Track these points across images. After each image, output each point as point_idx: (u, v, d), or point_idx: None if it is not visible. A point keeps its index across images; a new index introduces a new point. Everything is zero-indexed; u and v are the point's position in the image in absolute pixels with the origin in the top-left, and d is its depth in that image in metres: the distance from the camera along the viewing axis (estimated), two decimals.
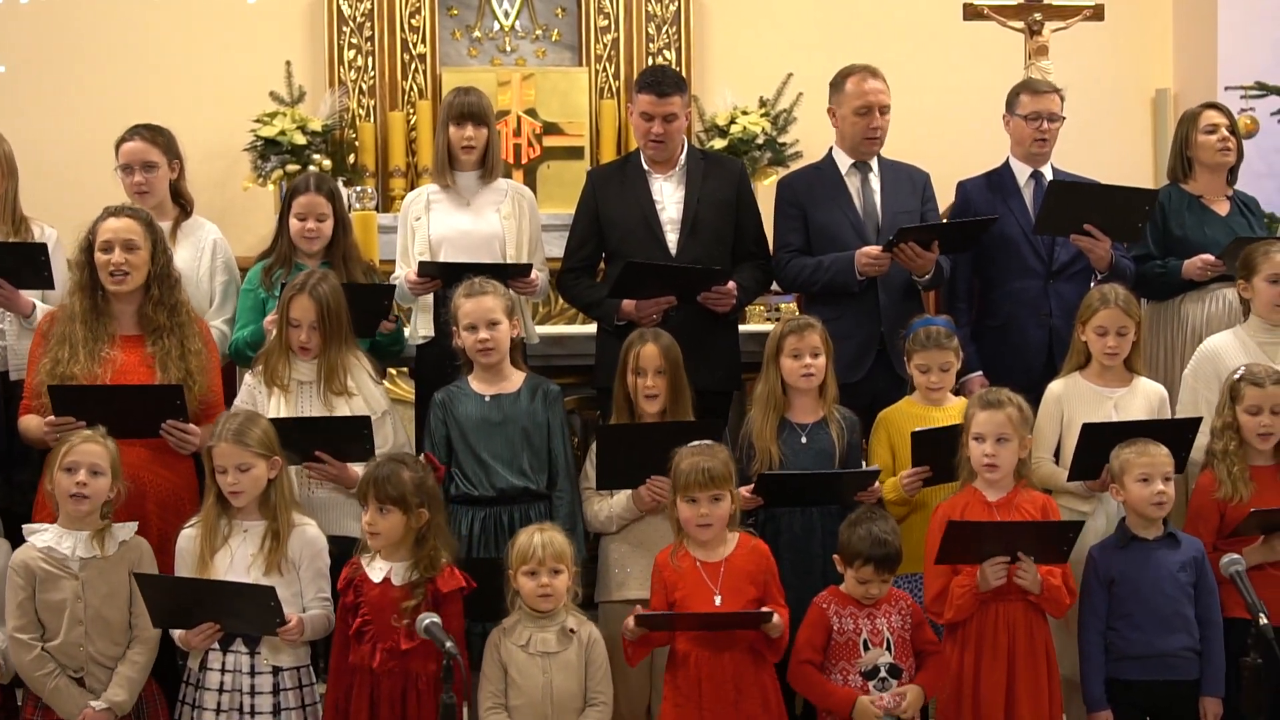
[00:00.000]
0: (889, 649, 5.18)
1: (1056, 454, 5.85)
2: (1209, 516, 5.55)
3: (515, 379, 5.81)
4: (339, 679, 5.16)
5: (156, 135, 6.45)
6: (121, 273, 5.66)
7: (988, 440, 5.29)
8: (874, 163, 6.64)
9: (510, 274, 6.12)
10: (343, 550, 5.37)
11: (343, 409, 5.69)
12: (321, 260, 6.22)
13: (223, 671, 5.11)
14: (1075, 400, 5.84)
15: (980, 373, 6.47)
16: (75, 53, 9.54)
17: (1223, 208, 6.79)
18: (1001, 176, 6.78)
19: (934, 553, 5.22)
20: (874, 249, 6.32)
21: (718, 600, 5.13)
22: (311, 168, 8.98)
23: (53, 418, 5.49)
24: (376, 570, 5.15)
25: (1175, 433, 5.60)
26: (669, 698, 5.16)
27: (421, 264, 6.26)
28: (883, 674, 5.17)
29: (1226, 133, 6.79)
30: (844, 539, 5.21)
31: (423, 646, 4.97)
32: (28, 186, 6.39)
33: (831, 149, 6.70)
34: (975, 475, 5.36)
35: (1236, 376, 5.58)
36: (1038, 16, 8.50)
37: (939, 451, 5.55)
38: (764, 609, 5.10)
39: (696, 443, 5.29)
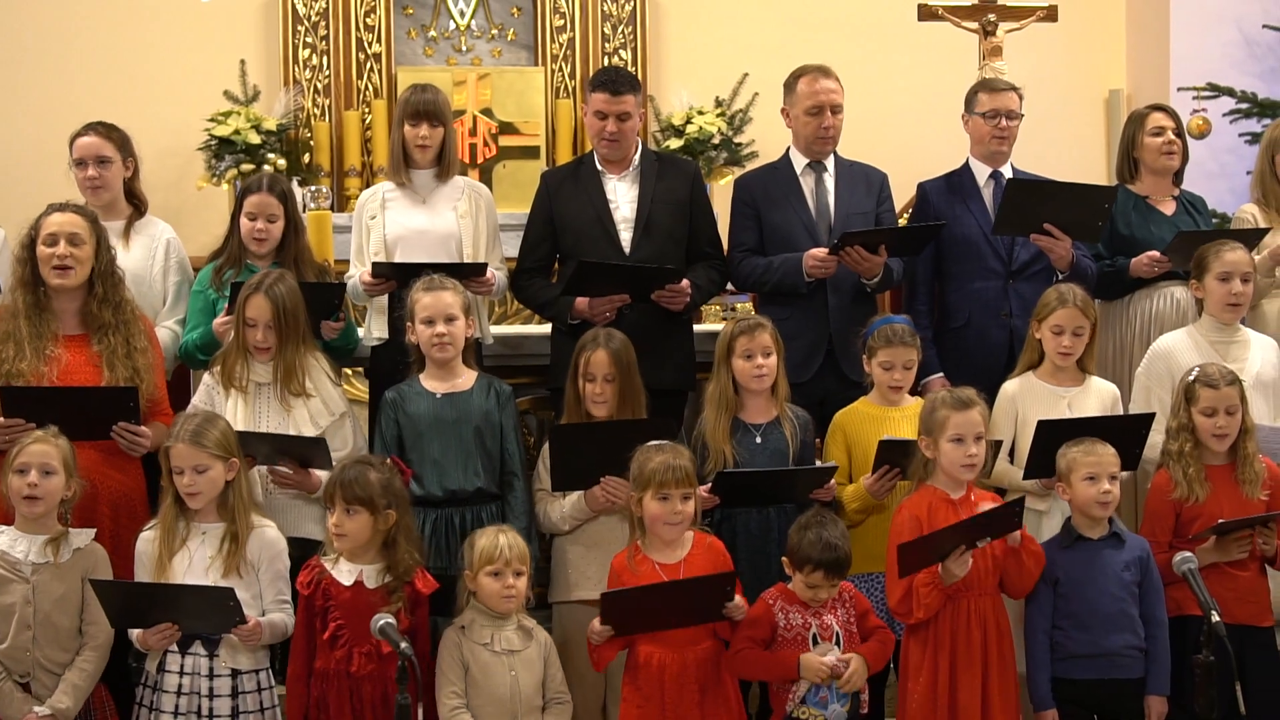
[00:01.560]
0: (838, 643, 5.19)
1: (1011, 453, 5.86)
2: (1165, 516, 5.57)
3: (468, 377, 5.80)
4: (300, 684, 5.13)
5: (112, 132, 6.43)
6: (65, 267, 5.60)
7: (968, 440, 5.27)
8: (829, 163, 6.65)
9: (465, 273, 6.11)
10: (302, 553, 5.36)
11: (300, 410, 5.68)
12: (273, 262, 6.20)
13: (181, 674, 5.08)
14: (1029, 399, 5.86)
15: (941, 374, 6.49)
16: (28, 52, 9.49)
17: (1169, 207, 6.83)
18: (961, 177, 6.80)
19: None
20: (820, 251, 6.33)
21: None
22: (266, 167, 8.95)
23: (2, 420, 5.44)
24: (345, 573, 5.13)
25: (1129, 429, 5.63)
26: (630, 699, 5.15)
27: (375, 264, 6.24)
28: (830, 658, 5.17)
29: (1173, 135, 6.82)
30: (793, 543, 5.20)
31: None
32: None
33: (789, 149, 6.71)
34: (931, 475, 5.35)
35: (1191, 378, 5.60)
36: (992, 17, 8.54)
37: (904, 458, 5.53)
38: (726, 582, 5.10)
39: (657, 442, 5.28)
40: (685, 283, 6.24)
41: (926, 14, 8.54)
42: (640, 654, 5.13)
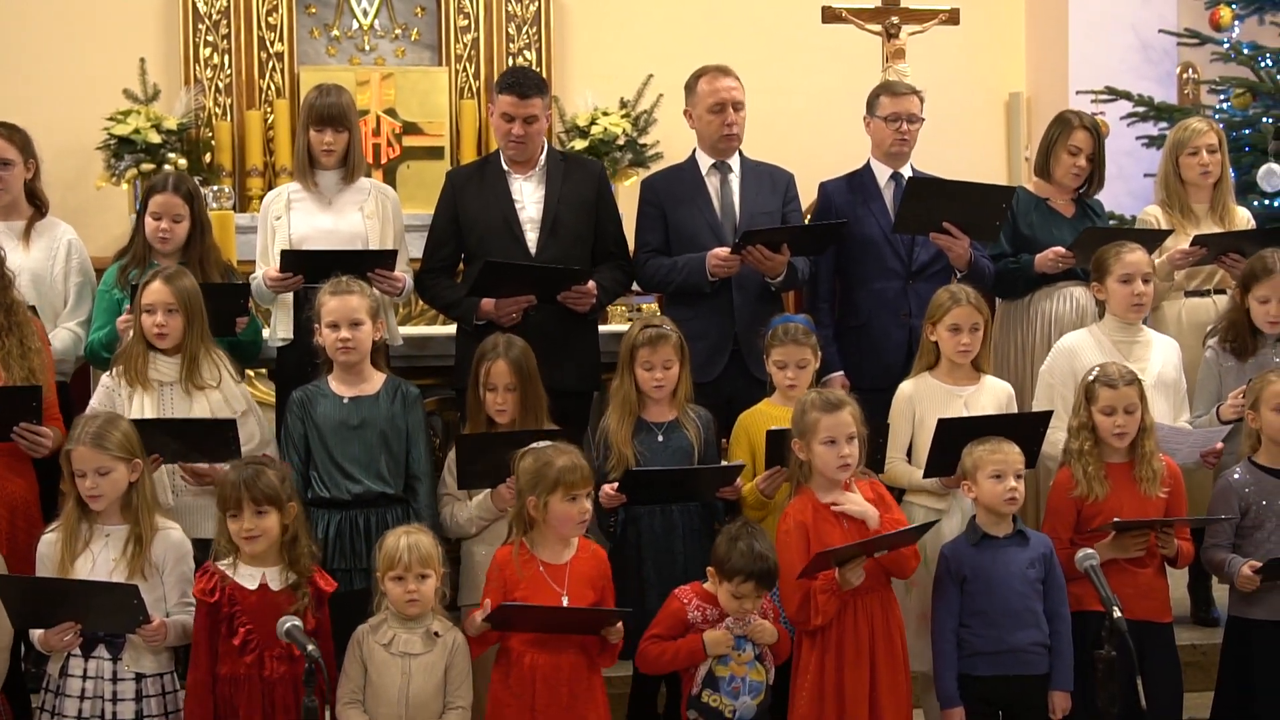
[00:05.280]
0: (752, 643, 5.21)
1: (909, 454, 5.91)
2: (1065, 514, 5.62)
3: (375, 380, 5.77)
4: (204, 690, 5.04)
5: (13, 133, 6.34)
6: None
7: (840, 441, 5.28)
8: (735, 163, 6.67)
9: (375, 262, 6.09)
10: (207, 554, 5.29)
11: (201, 404, 5.64)
12: (179, 261, 6.14)
13: (84, 678, 5.00)
14: (926, 399, 5.90)
15: (841, 373, 6.54)
16: None
17: (1068, 210, 6.91)
18: (862, 178, 6.84)
19: (792, 562, 5.18)
20: (723, 250, 6.35)
21: (565, 602, 5.10)
22: (167, 167, 8.86)
23: None
24: (247, 577, 5.06)
25: (1028, 426, 5.68)
26: (496, 695, 5.11)
27: (284, 252, 6.19)
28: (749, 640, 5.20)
29: (1085, 161, 6.86)
30: (722, 553, 5.18)
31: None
32: None
33: (695, 150, 6.73)
34: (809, 478, 5.36)
35: (1091, 378, 5.66)
36: (895, 20, 8.62)
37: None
38: (623, 610, 5.12)
39: (542, 444, 5.24)
40: (591, 284, 6.25)
41: (830, 16, 8.60)
42: (513, 650, 5.09)
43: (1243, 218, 6.96)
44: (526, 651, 5.07)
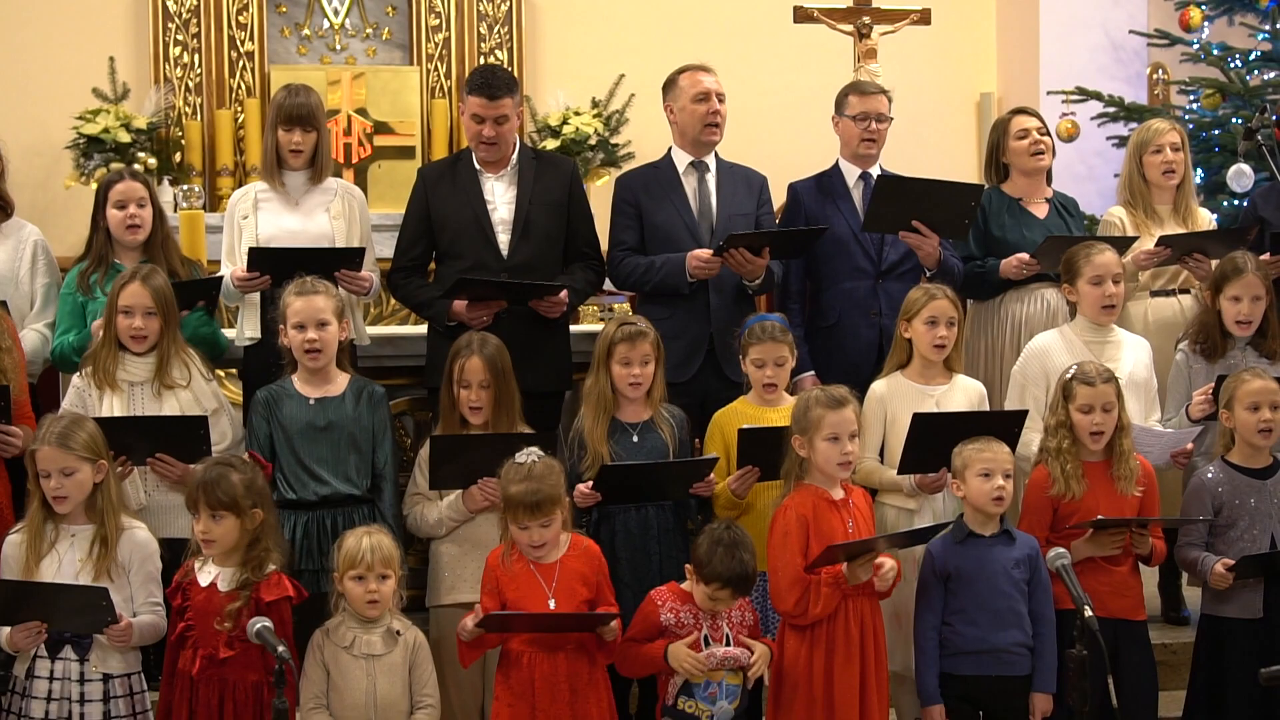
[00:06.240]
0: (729, 644, 5.19)
1: (881, 453, 5.91)
2: (1042, 513, 5.63)
3: (340, 381, 5.75)
4: (167, 685, 5.08)
5: None
6: None
7: (843, 438, 5.29)
8: (711, 163, 6.67)
9: (342, 261, 6.07)
10: (175, 553, 5.28)
11: (171, 403, 5.62)
12: (141, 256, 6.12)
13: (51, 679, 4.99)
14: (898, 398, 5.91)
15: (812, 372, 6.54)
16: None
17: (1041, 210, 6.93)
18: (831, 178, 6.85)
19: (791, 557, 5.19)
20: (704, 252, 6.35)
21: (552, 603, 5.10)
22: (136, 166, 8.82)
23: None
24: (205, 575, 5.07)
25: (1002, 424, 5.68)
26: (501, 697, 5.13)
27: (251, 251, 6.16)
28: (718, 651, 5.18)
29: (1038, 135, 6.91)
30: (702, 555, 5.16)
31: (242, 655, 4.93)
32: None
33: (670, 149, 6.72)
34: (807, 474, 5.37)
35: (1069, 376, 5.66)
36: (866, 20, 8.63)
37: (766, 449, 5.56)
38: (603, 611, 5.11)
39: (524, 455, 5.21)
40: (564, 294, 6.23)
41: (802, 16, 8.61)
42: (513, 652, 5.11)
43: (1205, 218, 7.00)
44: (525, 651, 5.08)
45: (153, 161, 9.08)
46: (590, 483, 5.57)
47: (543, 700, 5.05)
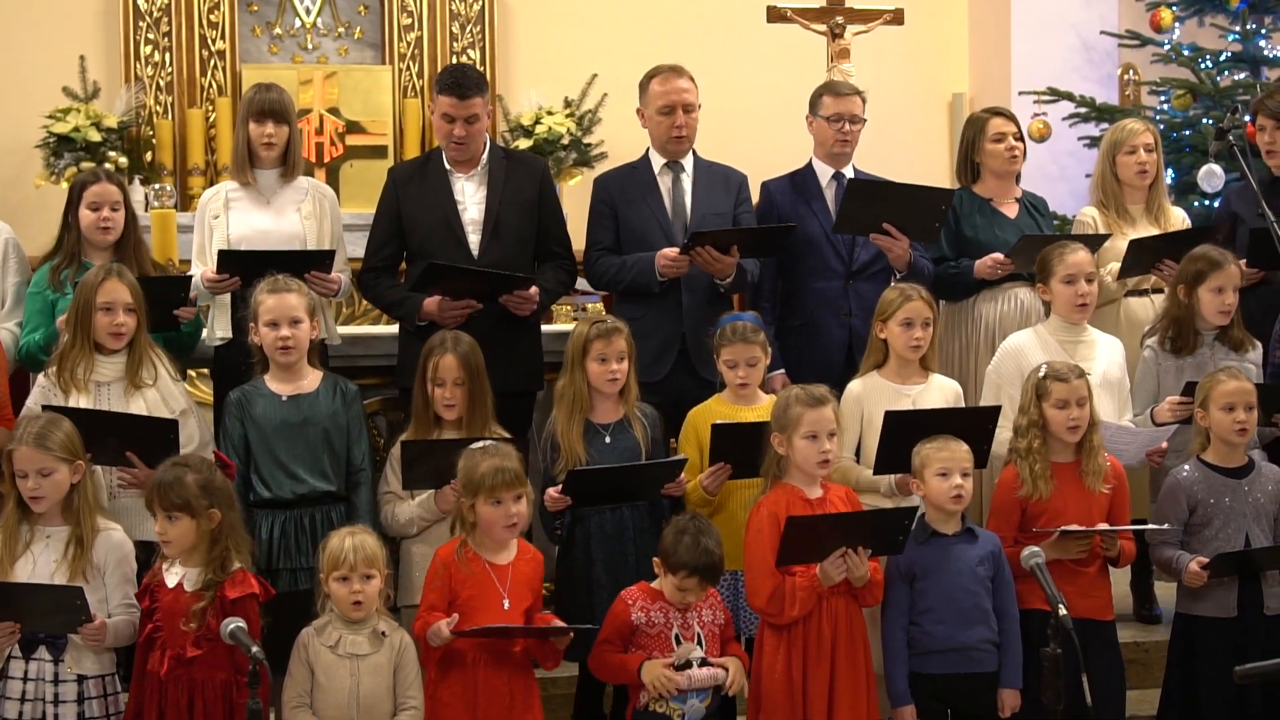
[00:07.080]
0: (700, 644, 5.19)
1: (857, 453, 5.92)
2: (1011, 512, 5.63)
3: (313, 378, 5.73)
4: (137, 687, 5.06)
5: None
6: None
7: (821, 437, 5.29)
8: (688, 163, 6.66)
9: (312, 262, 6.05)
10: (148, 555, 5.26)
11: (139, 403, 5.60)
12: (112, 257, 6.09)
13: (25, 680, 4.97)
14: (874, 398, 5.90)
15: (782, 371, 6.53)
16: None
17: (1012, 210, 6.93)
18: (804, 178, 6.85)
19: (764, 554, 5.18)
20: (672, 251, 6.34)
21: (506, 604, 5.10)
22: (107, 165, 8.79)
23: None
24: (172, 576, 5.05)
25: (976, 422, 5.68)
26: (435, 693, 5.09)
27: (221, 252, 6.14)
28: (695, 668, 5.17)
29: (1014, 140, 6.92)
30: (668, 545, 5.18)
31: (209, 654, 4.91)
32: None
33: (648, 149, 6.72)
34: (786, 472, 5.37)
35: (1041, 374, 5.66)
36: (839, 20, 8.65)
37: (739, 446, 5.56)
38: (540, 621, 5.14)
39: (481, 444, 5.22)
40: (534, 290, 6.21)
41: (775, 16, 8.62)
42: (457, 651, 5.06)
43: (1178, 218, 7.01)
44: (469, 651, 5.05)
45: (124, 160, 9.06)
46: (560, 487, 5.56)
47: (484, 701, 5.04)
